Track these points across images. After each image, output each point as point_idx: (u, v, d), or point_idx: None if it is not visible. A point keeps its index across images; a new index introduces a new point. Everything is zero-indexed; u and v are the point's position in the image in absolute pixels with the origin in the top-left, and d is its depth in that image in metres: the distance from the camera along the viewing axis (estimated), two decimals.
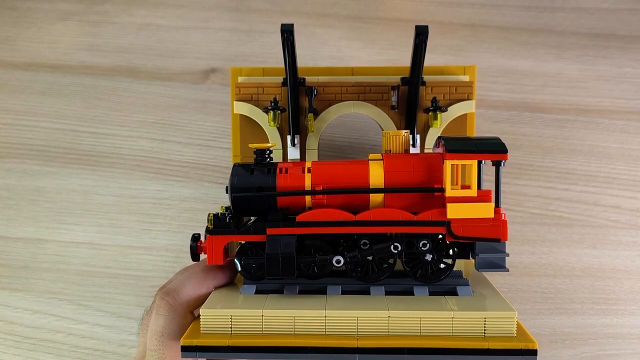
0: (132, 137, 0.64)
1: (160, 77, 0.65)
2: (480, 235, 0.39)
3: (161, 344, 0.40)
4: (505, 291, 0.60)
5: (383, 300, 0.39)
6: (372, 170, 0.40)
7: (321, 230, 0.40)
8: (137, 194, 0.63)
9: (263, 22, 0.65)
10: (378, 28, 0.65)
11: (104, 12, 0.66)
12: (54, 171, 0.64)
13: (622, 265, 0.61)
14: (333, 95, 0.50)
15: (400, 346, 0.36)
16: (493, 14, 0.65)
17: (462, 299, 0.40)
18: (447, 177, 0.38)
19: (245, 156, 0.51)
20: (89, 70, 0.65)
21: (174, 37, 0.66)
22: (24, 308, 0.62)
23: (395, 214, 0.39)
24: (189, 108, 0.64)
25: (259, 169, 0.42)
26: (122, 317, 0.62)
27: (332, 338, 0.37)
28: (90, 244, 0.63)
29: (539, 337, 0.59)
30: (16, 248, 0.63)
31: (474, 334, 0.37)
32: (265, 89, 0.50)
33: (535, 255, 0.61)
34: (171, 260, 0.62)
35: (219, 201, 0.62)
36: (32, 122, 0.65)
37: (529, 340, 0.36)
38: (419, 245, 0.40)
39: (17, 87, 0.65)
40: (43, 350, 0.61)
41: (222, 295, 0.41)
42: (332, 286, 0.42)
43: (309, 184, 0.41)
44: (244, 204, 0.41)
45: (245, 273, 0.42)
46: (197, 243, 0.42)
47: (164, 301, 0.41)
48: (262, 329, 0.38)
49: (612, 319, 0.60)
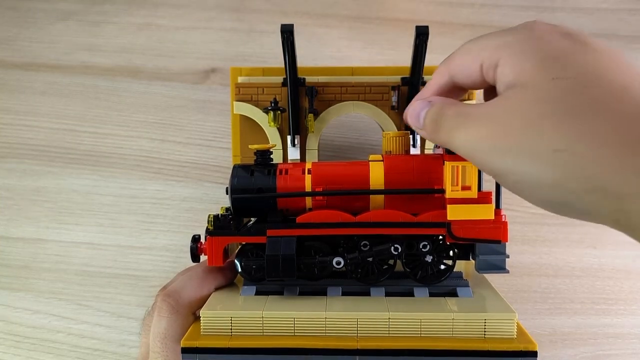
0: (132, 137, 0.64)
1: (160, 77, 0.65)
2: (480, 237, 0.39)
3: (164, 345, 0.40)
4: (505, 291, 0.60)
5: (383, 302, 0.39)
6: (373, 171, 0.40)
7: (321, 231, 0.40)
8: (137, 194, 0.63)
9: (263, 22, 0.65)
10: (378, 28, 0.65)
11: (104, 12, 0.66)
12: (54, 171, 0.64)
13: (622, 265, 0.61)
14: (333, 95, 0.50)
15: (400, 347, 0.36)
16: (493, 14, 0.65)
17: (462, 300, 0.40)
18: (448, 178, 0.38)
19: (245, 156, 0.51)
20: (89, 70, 0.65)
21: (174, 37, 0.65)
22: (24, 308, 0.62)
23: (395, 215, 0.39)
24: (189, 108, 0.64)
25: (259, 170, 0.42)
26: (122, 317, 0.62)
27: (333, 339, 0.37)
28: (90, 244, 0.63)
29: (539, 337, 0.59)
30: (16, 248, 0.63)
31: (474, 335, 0.37)
32: (265, 89, 0.50)
33: (535, 255, 0.61)
34: (171, 260, 0.62)
35: (219, 201, 0.62)
36: (32, 122, 0.65)
37: (529, 342, 0.36)
38: (419, 246, 0.40)
39: (17, 87, 0.65)
40: (43, 350, 0.61)
41: (222, 297, 0.41)
42: (332, 287, 0.42)
43: (309, 185, 0.41)
44: (244, 205, 0.41)
45: (245, 274, 0.42)
46: (197, 244, 0.42)
47: (165, 303, 0.41)
48: (263, 331, 0.38)
49: (612, 319, 0.60)
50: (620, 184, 0.24)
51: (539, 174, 0.27)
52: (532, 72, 0.28)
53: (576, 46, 0.28)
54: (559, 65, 0.28)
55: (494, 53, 0.31)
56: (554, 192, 0.27)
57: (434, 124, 0.33)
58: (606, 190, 0.25)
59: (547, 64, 0.28)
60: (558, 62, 0.28)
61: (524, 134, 0.27)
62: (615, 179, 0.24)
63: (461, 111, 0.31)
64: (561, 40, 0.29)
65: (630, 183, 0.24)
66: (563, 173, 0.26)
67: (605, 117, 0.25)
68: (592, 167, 0.25)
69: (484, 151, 0.29)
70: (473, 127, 0.30)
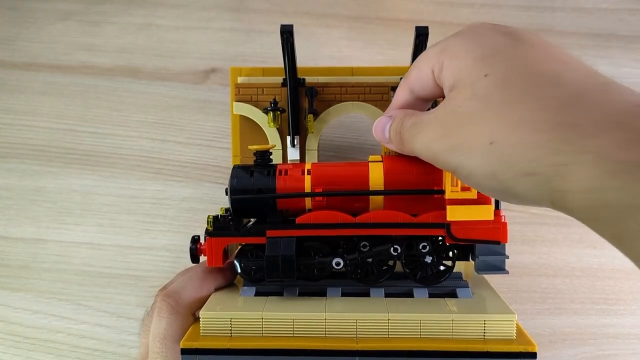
0: (132, 137, 0.64)
1: (160, 77, 0.65)
2: (480, 238, 0.39)
3: (164, 346, 0.40)
4: (505, 291, 0.60)
5: (383, 303, 0.39)
6: (372, 172, 0.40)
7: (321, 232, 0.40)
8: (137, 194, 0.63)
9: (263, 22, 0.65)
10: (378, 28, 0.65)
11: (104, 12, 0.66)
12: (54, 171, 0.64)
13: (622, 265, 0.61)
14: (333, 95, 0.50)
15: (399, 349, 0.36)
16: (493, 14, 0.65)
17: (461, 301, 0.40)
18: (447, 179, 0.38)
19: (245, 156, 0.51)
20: (89, 70, 0.65)
21: (174, 37, 0.65)
22: (24, 308, 0.62)
23: (395, 216, 0.39)
24: (189, 108, 0.64)
25: (259, 171, 0.42)
26: (122, 317, 0.62)
27: (332, 340, 0.37)
28: (90, 244, 0.63)
29: (539, 337, 0.59)
30: (16, 248, 0.63)
31: (473, 336, 0.37)
32: (265, 89, 0.50)
33: (535, 255, 0.61)
34: (171, 260, 0.62)
35: (219, 201, 0.62)
36: (32, 122, 0.65)
37: (529, 343, 0.36)
38: (419, 247, 0.40)
39: (17, 87, 0.65)
40: (43, 350, 0.61)
41: (222, 298, 0.41)
42: (331, 288, 0.42)
43: (308, 186, 0.41)
44: (244, 205, 0.41)
45: (245, 275, 0.42)
46: (196, 245, 0.42)
47: (165, 303, 0.41)
48: (262, 332, 0.38)
49: (612, 319, 0.60)
50: (551, 167, 0.25)
51: (481, 166, 0.28)
52: (467, 71, 0.30)
53: (510, 42, 0.30)
54: (491, 62, 0.29)
55: (439, 59, 0.33)
56: (495, 182, 0.28)
57: (397, 136, 0.35)
58: (539, 175, 0.26)
59: (480, 63, 0.30)
60: (491, 59, 0.30)
61: (463, 131, 0.29)
62: (545, 163, 0.25)
63: (416, 120, 0.34)
64: (497, 38, 0.30)
65: (561, 166, 0.25)
66: (499, 164, 0.27)
67: (534, 105, 0.26)
68: (524, 154, 0.26)
69: (438, 152, 0.31)
70: (426, 131, 0.32)
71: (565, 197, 0.25)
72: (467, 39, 0.31)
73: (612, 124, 0.24)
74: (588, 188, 0.24)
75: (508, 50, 0.29)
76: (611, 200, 0.23)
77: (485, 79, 0.29)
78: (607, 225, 0.24)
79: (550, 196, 0.26)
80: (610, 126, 0.24)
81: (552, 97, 0.26)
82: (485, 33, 0.31)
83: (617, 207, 0.23)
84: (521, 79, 0.28)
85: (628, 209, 0.23)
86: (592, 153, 0.24)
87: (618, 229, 0.24)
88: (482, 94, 0.29)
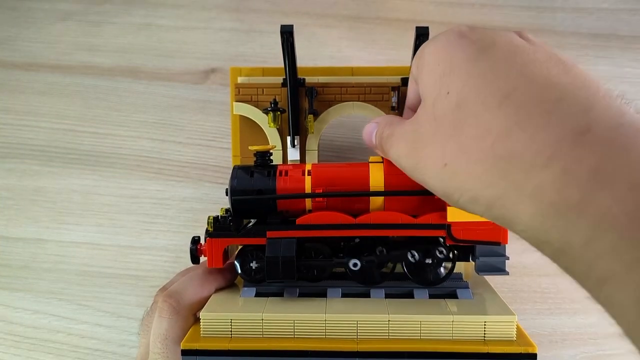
0: (132, 137, 0.64)
1: (160, 77, 0.65)
2: (480, 239, 0.39)
3: (165, 347, 0.40)
4: (505, 291, 0.60)
5: (383, 304, 0.39)
6: (373, 173, 0.40)
7: (321, 233, 0.40)
8: (137, 194, 0.63)
9: (263, 22, 0.65)
10: (378, 28, 0.65)
11: (104, 12, 0.66)
12: (54, 171, 0.64)
13: None
14: (333, 96, 0.50)
15: (400, 350, 0.36)
16: (493, 14, 0.65)
17: (462, 302, 0.40)
18: None
19: (245, 157, 0.51)
20: (89, 70, 0.65)
21: (174, 37, 0.65)
22: (24, 308, 0.62)
23: (395, 217, 0.39)
24: (189, 108, 0.64)
25: (259, 172, 0.42)
26: (122, 317, 0.62)
27: (332, 341, 0.37)
28: (90, 244, 0.63)
29: (539, 337, 0.59)
30: (16, 248, 0.63)
31: (473, 337, 0.37)
32: (265, 89, 0.50)
33: (536, 255, 0.61)
34: (171, 260, 0.62)
35: (219, 201, 0.62)
36: (32, 122, 0.65)
37: (529, 344, 0.36)
38: (436, 253, 0.40)
39: (17, 87, 0.65)
40: (43, 350, 0.61)
41: (222, 298, 0.41)
42: (332, 289, 0.42)
43: (309, 186, 0.41)
44: (244, 206, 0.41)
45: (245, 276, 0.42)
46: (197, 246, 0.42)
47: (166, 304, 0.41)
48: (263, 332, 0.38)
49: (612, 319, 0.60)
50: (489, 198, 0.26)
51: (438, 187, 0.30)
52: (432, 88, 0.30)
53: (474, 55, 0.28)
54: (452, 79, 0.29)
55: (416, 69, 0.33)
56: (451, 202, 0.29)
57: (380, 143, 0.36)
58: (480, 203, 0.27)
59: (443, 79, 0.29)
60: (452, 76, 0.29)
61: (423, 152, 0.30)
62: (483, 193, 0.26)
63: (391, 132, 0.34)
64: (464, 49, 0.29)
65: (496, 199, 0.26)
66: (450, 186, 0.29)
67: (475, 132, 0.27)
68: (466, 181, 0.27)
69: (405, 168, 0.33)
70: (397, 146, 0.33)
71: (510, 225, 0.26)
72: (438, 49, 0.30)
73: (547, 157, 0.24)
74: (528, 225, 0.25)
75: (469, 66, 0.28)
76: (551, 239, 0.24)
77: (446, 97, 0.29)
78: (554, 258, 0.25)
79: (499, 221, 0.27)
80: (544, 160, 0.24)
81: (495, 121, 0.26)
82: (455, 42, 0.30)
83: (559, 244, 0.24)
84: (474, 100, 0.27)
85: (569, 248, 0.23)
86: (526, 192, 0.24)
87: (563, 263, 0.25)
88: (439, 115, 0.29)
